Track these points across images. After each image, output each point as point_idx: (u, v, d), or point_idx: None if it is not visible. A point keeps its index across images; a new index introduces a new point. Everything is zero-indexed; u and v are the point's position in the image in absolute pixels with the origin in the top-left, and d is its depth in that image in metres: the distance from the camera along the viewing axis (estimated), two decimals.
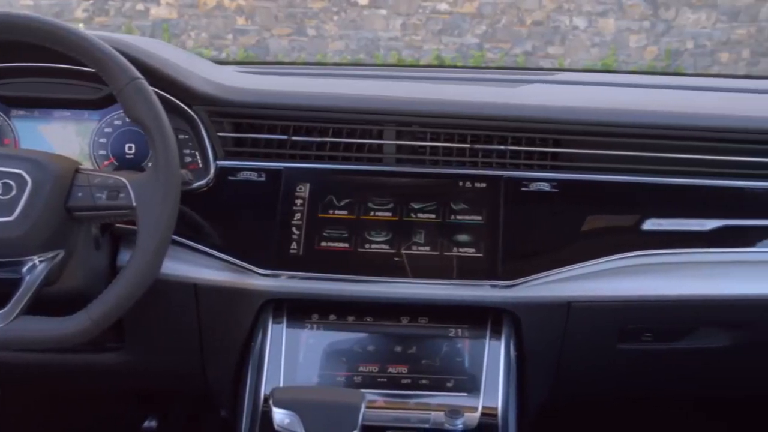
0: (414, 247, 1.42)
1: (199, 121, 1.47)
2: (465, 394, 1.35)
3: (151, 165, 1.29)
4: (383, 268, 1.41)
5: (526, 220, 1.43)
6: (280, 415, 1.22)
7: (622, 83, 1.89)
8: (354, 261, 1.41)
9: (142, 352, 1.53)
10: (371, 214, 1.44)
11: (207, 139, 1.47)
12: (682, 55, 7.67)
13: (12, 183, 1.25)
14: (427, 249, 1.41)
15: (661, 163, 1.47)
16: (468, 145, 1.48)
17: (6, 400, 1.85)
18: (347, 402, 1.23)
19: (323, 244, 1.42)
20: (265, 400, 1.33)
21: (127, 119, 1.29)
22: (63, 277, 1.31)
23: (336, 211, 1.44)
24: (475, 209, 1.43)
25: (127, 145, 1.50)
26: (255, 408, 1.35)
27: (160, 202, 1.24)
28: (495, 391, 1.35)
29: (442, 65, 7.25)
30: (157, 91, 1.34)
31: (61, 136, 1.51)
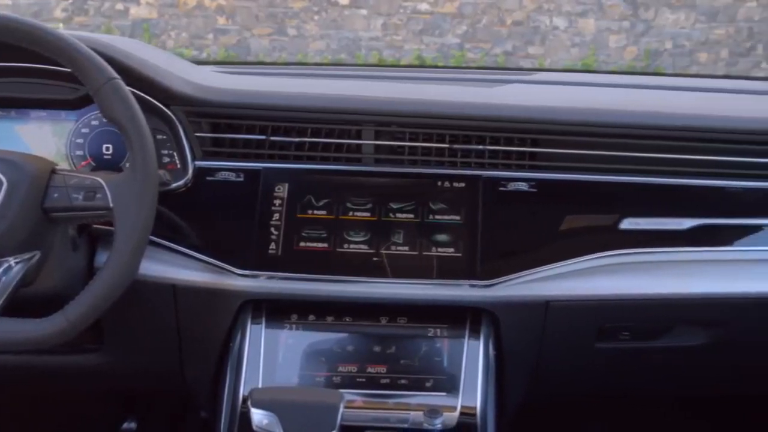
0: (393, 247, 1.42)
1: (177, 121, 1.46)
2: (444, 394, 1.35)
3: (128, 165, 1.28)
4: (362, 268, 1.41)
5: (505, 220, 1.44)
6: (258, 415, 1.22)
7: (602, 83, 1.90)
8: (333, 261, 1.41)
9: (121, 353, 1.53)
10: (350, 214, 1.44)
11: (185, 139, 1.46)
12: (661, 55, 7.70)
13: None
14: (405, 249, 1.41)
15: (640, 162, 1.48)
16: (446, 145, 1.48)
17: None
18: (326, 402, 1.23)
19: (302, 244, 1.42)
20: (244, 401, 1.33)
21: (105, 119, 1.29)
22: (40, 278, 1.30)
23: (315, 212, 1.44)
24: (453, 209, 1.44)
25: (104, 145, 1.50)
26: (234, 408, 1.34)
27: (137, 202, 1.24)
28: (474, 391, 1.35)
29: (422, 65, 7.25)
30: (134, 91, 1.34)
31: (38, 137, 1.50)
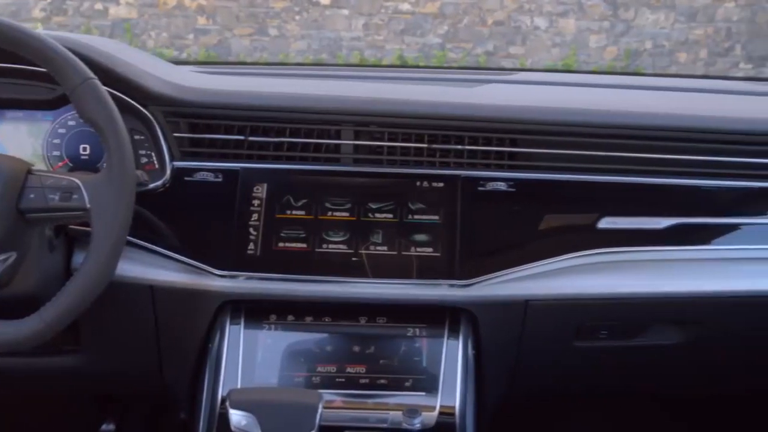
0: (372, 247, 1.42)
1: (154, 121, 1.45)
2: (423, 394, 1.35)
3: (105, 166, 1.27)
4: (341, 268, 1.40)
5: (484, 220, 1.44)
6: (237, 416, 1.22)
7: (582, 83, 1.90)
8: (312, 261, 1.41)
9: (99, 355, 1.52)
10: (329, 214, 1.44)
11: (163, 139, 1.45)
12: (641, 56, 7.74)
13: None
14: (384, 249, 1.41)
15: (618, 162, 1.48)
16: (425, 145, 1.48)
17: None
18: (305, 402, 1.23)
19: (281, 244, 1.42)
20: (222, 402, 1.32)
21: (82, 120, 1.28)
22: (16, 279, 1.29)
23: (293, 212, 1.44)
24: (432, 209, 1.44)
25: (81, 146, 1.49)
26: (212, 409, 1.34)
27: (114, 203, 1.23)
28: (453, 390, 1.35)
29: (404, 65, 7.25)
30: (111, 91, 1.33)
31: (14, 137, 1.49)
